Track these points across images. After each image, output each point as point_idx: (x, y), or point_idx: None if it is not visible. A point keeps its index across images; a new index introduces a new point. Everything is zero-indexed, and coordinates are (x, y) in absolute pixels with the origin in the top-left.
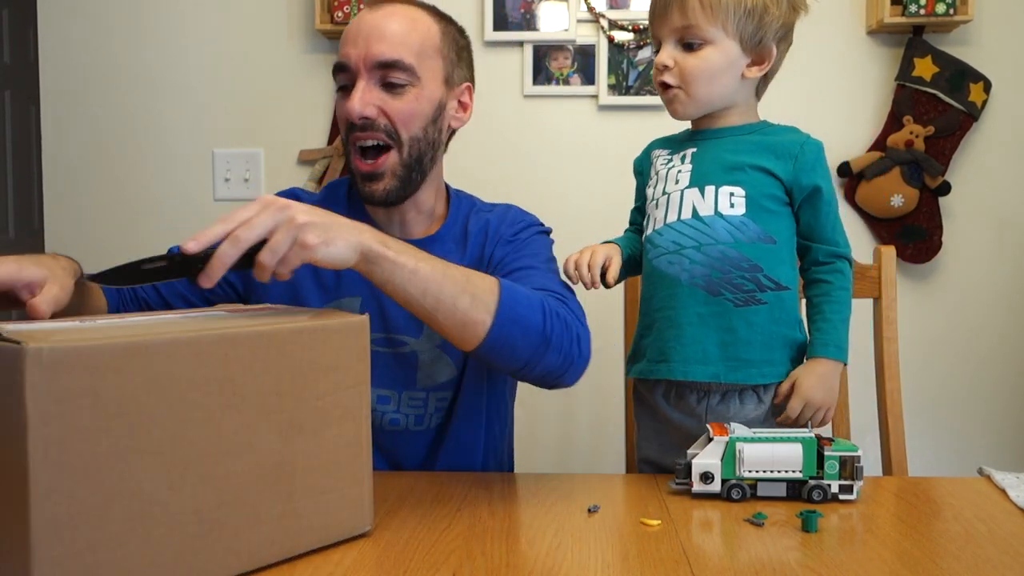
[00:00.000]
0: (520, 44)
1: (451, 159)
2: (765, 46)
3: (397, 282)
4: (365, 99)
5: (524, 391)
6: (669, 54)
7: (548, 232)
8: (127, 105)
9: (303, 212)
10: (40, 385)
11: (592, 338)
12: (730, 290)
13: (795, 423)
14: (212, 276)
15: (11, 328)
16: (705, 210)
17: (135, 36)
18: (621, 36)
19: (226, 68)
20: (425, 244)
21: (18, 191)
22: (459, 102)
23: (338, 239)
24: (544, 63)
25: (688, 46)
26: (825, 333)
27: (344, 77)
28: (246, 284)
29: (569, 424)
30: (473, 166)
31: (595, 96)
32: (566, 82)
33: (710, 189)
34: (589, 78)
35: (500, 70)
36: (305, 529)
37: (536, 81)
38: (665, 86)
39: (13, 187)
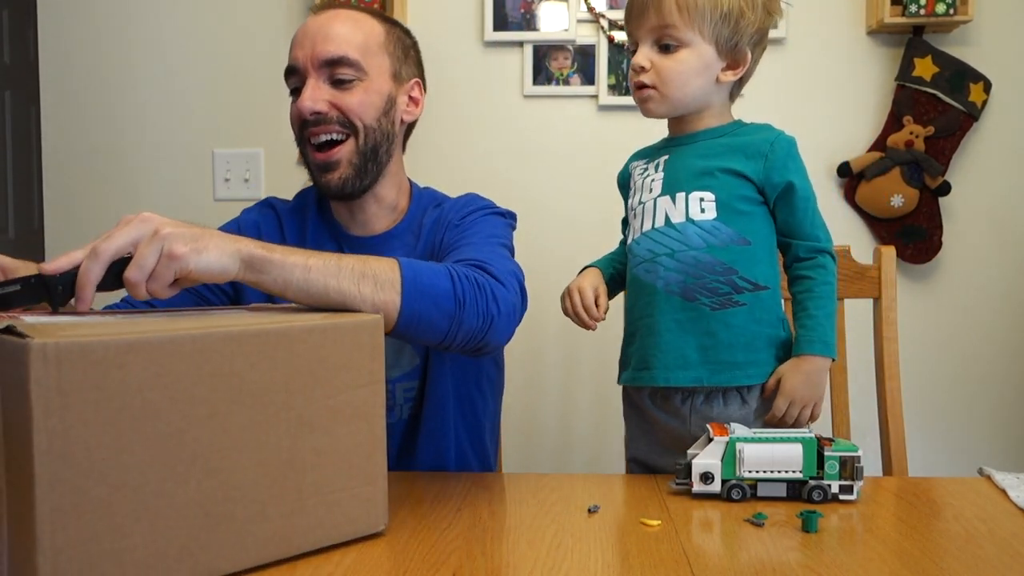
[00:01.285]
0: (520, 44)
1: (451, 159)
2: (740, 50)
3: (295, 284)
4: (315, 95)
5: (524, 390)
6: (645, 55)
7: (503, 214)
8: (127, 105)
9: (169, 224)
10: (44, 379)
11: (529, 302)
12: (705, 295)
13: (781, 421)
14: (83, 298)
15: (30, 320)
16: (677, 217)
17: (135, 36)
18: (621, 36)
19: (226, 68)
20: (383, 239)
21: (18, 191)
22: (409, 97)
23: (211, 247)
24: (544, 63)
25: (664, 48)
26: (810, 330)
27: (295, 80)
28: (236, 288)
29: (569, 424)
30: (473, 166)
31: (595, 96)
32: (566, 82)
33: (680, 196)
34: (589, 78)
35: (500, 70)
36: (315, 526)
37: (536, 81)
38: (639, 85)
39: (13, 187)
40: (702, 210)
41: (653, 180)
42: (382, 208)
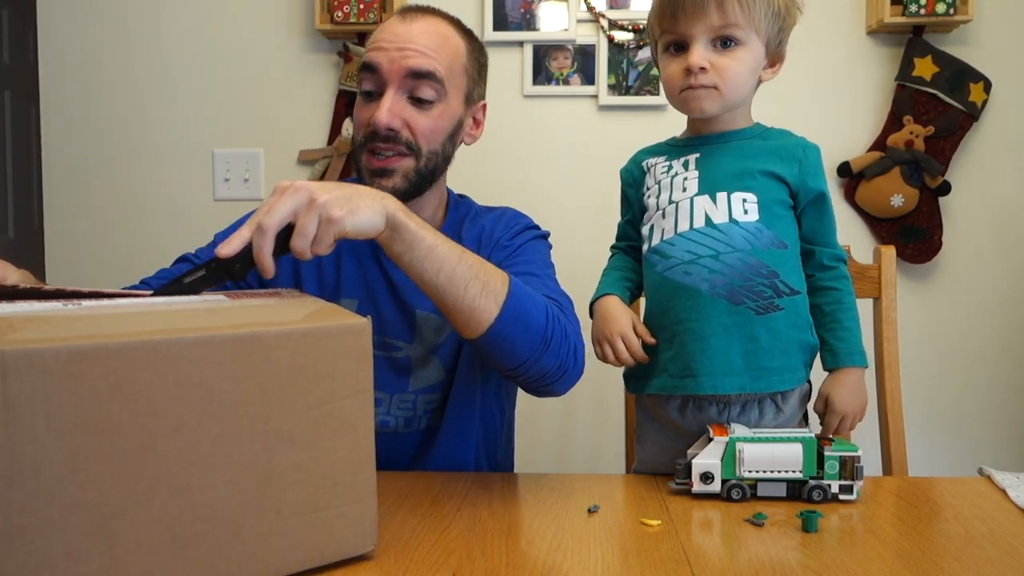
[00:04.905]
0: (520, 44)
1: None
2: (782, 49)
3: (415, 255)
4: (393, 110)
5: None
6: (703, 55)
7: (546, 236)
8: (127, 105)
9: (322, 190)
10: None
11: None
12: (751, 298)
13: (834, 434)
14: (266, 269)
15: None
16: (719, 217)
17: (135, 36)
18: (621, 36)
19: (226, 68)
20: None
21: (18, 191)
22: (474, 119)
23: (362, 207)
24: (544, 63)
25: (724, 43)
26: (847, 342)
27: (371, 81)
28: (259, 280)
29: (569, 424)
30: (473, 166)
31: (595, 96)
32: (566, 82)
33: (722, 196)
34: (589, 78)
35: (500, 70)
36: (295, 548)
37: (536, 81)
38: (694, 85)
39: (13, 187)
40: (745, 211)
41: (686, 179)
42: (421, 219)
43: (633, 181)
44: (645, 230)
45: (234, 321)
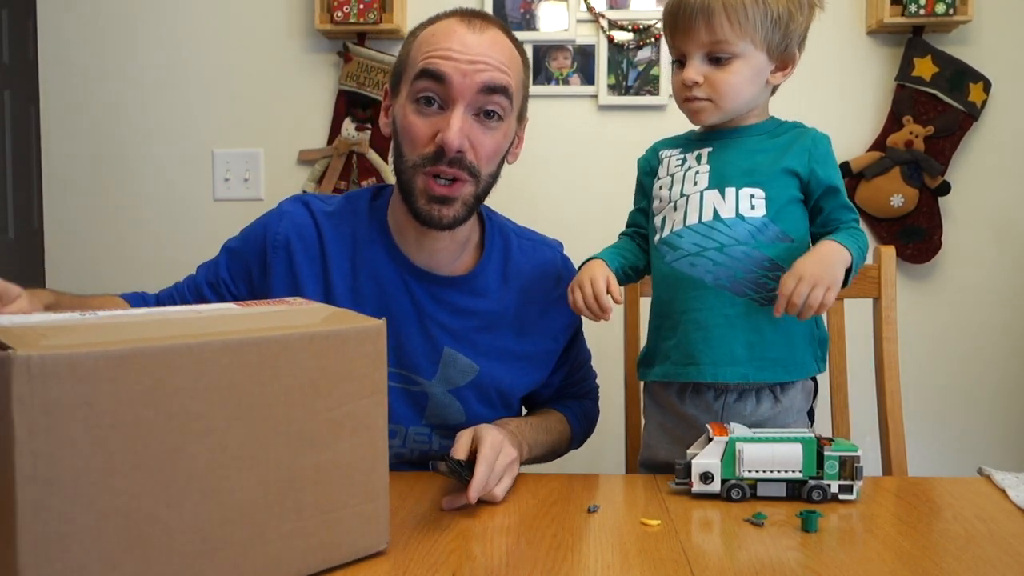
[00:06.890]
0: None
1: None
2: (790, 52)
3: (524, 454)
4: (463, 130)
5: None
6: (697, 70)
7: None
8: (127, 105)
9: (510, 477)
10: (28, 396)
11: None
12: (755, 289)
13: (791, 305)
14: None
15: (4, 323)
16: (726, 212)
17: (135, 36)
18: (621, 36)
19: (226, 68)
20: (466, 281)
21: (18, 191)
22: (518, 137)
23: (516, 473)
24: (544, 63)
25: (716, 60)
26: (839, 233)
27: (435, 91)
28: (252, 296)
29: None
30: None
31: (595, 96)
32: (566, 82)
33: (730, 191)
34: (589, 78)
35: None
36: (315, 547)
37: (536, 81)
38: (691, 98)
39: (13, 187)
40: (752, 207)
41: (697, 172)
42: (454, 241)
43: (650, 169)
44: (657, 221)
45: (257, 325)
